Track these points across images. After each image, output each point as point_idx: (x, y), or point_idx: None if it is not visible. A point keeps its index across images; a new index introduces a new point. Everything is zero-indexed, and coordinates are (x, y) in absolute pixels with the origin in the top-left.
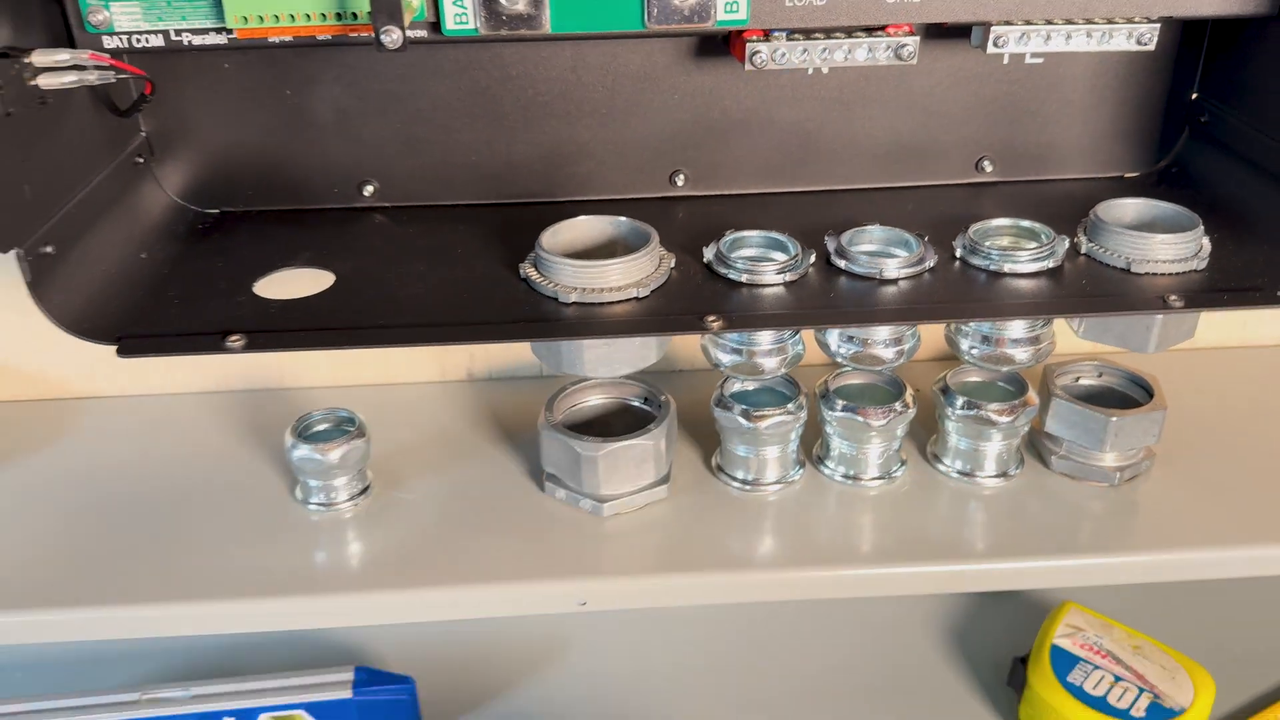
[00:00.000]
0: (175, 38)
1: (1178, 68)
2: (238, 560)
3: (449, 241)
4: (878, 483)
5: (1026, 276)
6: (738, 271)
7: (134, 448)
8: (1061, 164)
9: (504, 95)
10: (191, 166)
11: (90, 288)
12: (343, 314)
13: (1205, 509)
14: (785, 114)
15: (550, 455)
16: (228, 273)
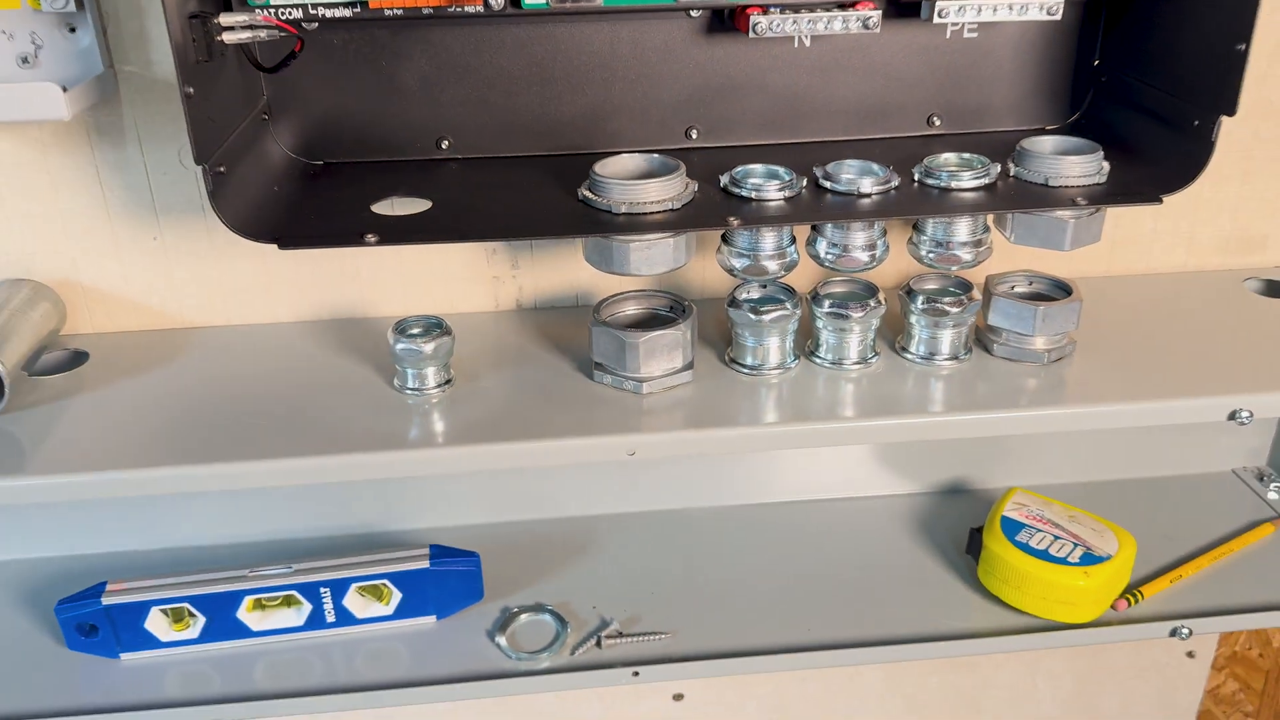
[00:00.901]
0: (312, 11)
1: (1082, 39)
2: (351, 429)
3: (514, 180)
4: (857, 367)
5: (969, 190)
6: (748, 190)
7: (250, 361)
8: (996, 118)
9: (554, 65)
10: (301, 125)
11: (247, 203)
12: (445, 222)
13: (1114, 379)
14: (777, 80)
15: (599, 346)
16: (346, 199)
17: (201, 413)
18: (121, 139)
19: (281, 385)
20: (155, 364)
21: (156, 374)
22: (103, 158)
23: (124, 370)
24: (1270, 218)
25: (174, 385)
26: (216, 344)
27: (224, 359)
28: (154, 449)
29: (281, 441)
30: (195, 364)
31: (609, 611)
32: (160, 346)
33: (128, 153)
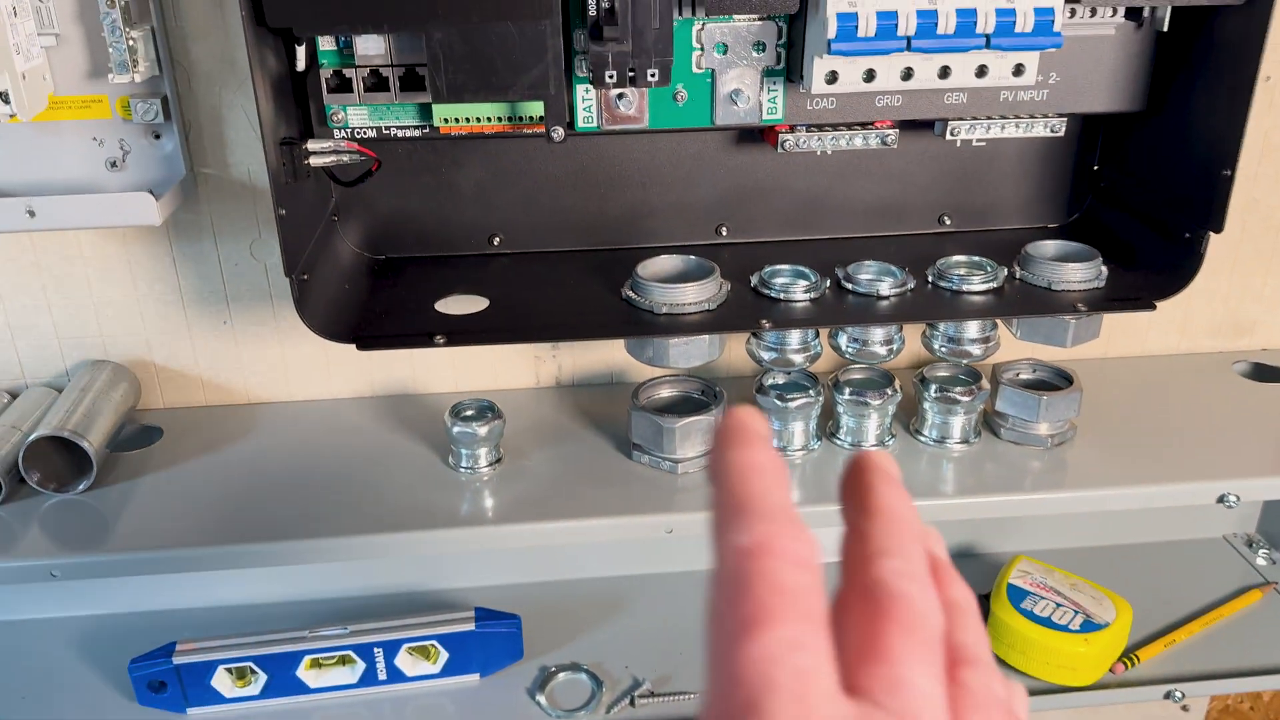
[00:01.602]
0: (386, 130)
1: (1083, 146)
2: (413, 506)
3: (561, 275)
4: (875, 449)
5: (979, 294)
6: (776, 291)
7: (312, 436)
8: (1001, 218)
9: (598, 170)
10: (366, 224)
11: (326, 305)
12: (503, 321)
13: (1114, 463)
14: (800, 183)
15: (638, 429)
16: (411, 297)
17: (268, 488)
18: (198, 234)
19: (342, 460)
20: (223, 440)
21: (224, 450)
22: (180, 250)
23: (194, 446)
24: (1257, 304)
25: (241, 461)
26: (280, 419)
27: (287, 434)
28: (223, 525)
29: (345, 518)
30: (261, 440)
31: (641, 671)
32: (227, 422)
33: (203, 246)
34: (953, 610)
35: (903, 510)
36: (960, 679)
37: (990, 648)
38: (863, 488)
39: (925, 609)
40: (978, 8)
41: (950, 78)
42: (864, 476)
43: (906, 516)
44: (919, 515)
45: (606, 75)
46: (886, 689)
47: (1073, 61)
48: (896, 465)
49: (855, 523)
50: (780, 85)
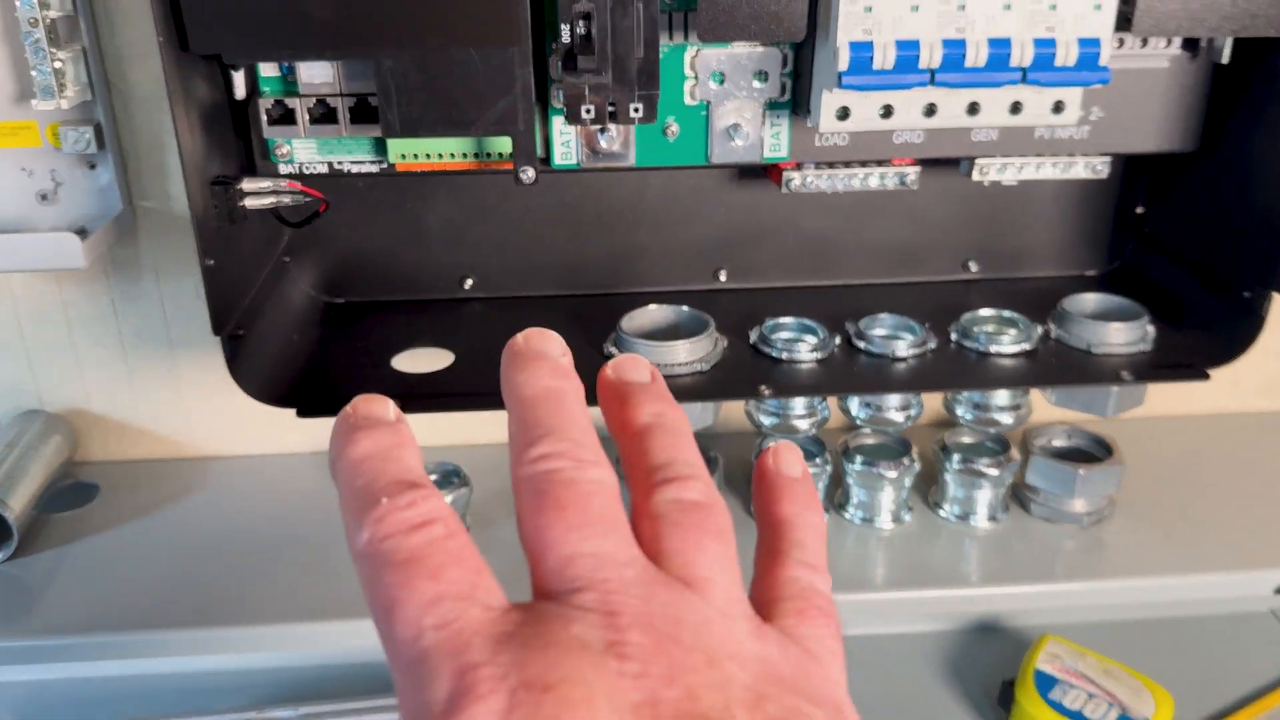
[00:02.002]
0: (337, 167)
1: (1126, 187)
2: (355, 587)
3: (538, 325)
4: (890, 525)
5: (1008, 356)
6: (778, 351)
7: (258, 499)
8: (1033, 264)
9: (581, 207)
10: (323, 265)
11: (266, 363)
12: (467, 385)
13: (1157, 546)
14: (808, 223)
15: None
16: (367, 351)
17: (211, 559)
18: (138, 273)
19: (293, 528)
20: (165, 499)
21: (166, 512)
22: (118, 291)
23: (133, 507)
24: None
25: (183, 525)
26: (229, 476)
27: (236, 494)
28: (159, 602)
29: (293, 598)
30: (207, 499)
31: None
32: (171, 478)
33: (143, 286)
34: (642, 436)
35: (540, 387)
36: (649, 507)
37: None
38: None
39: (574, 476)
40: (1013, 37)
41: (980, 114)
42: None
43: (547, 391)
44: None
45: (583, 110)
46: (558, 574)
47: (1119, 96)
48: (549, 338)
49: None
50: (785, 119)
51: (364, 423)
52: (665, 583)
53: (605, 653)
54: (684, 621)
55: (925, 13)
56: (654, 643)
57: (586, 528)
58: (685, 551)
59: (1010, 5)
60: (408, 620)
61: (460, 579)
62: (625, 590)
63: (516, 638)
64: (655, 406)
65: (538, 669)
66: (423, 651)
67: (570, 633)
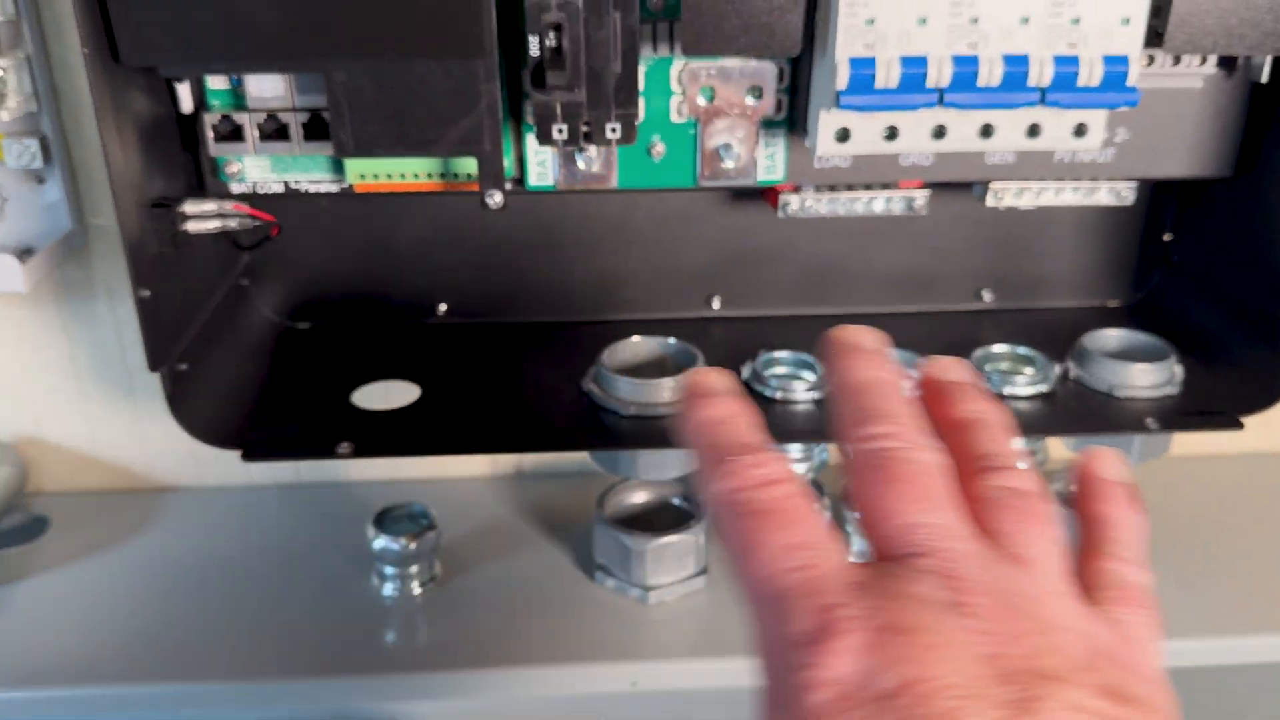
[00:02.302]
0: (294, 186)
1: (1153, 213)
2: (315, 640)
3: (514, 357)
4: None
5: (1023, 399)
6: (771, 389)
7: (217, 536)
8: (1052, 294)
9: (564, 229)
10: (286, 288)
11: (213, 399)
12: (431, 424)
13: (1180, 605)
14: (808, 247)
15: (602, 547)
16: (326, 384)
17: (162, 603)
18: (91, 294)
19: (251, 571)
20: (119, 534)
21: (119, 549)
22: (70, 313)
23: (85, 542)
24: None
25: (137, 563)
26: (187, 510)
27: (193, 530)
28: (105, 656)
29: (242, 653)
30: (162, 536)
31: None
32: (126, 511)
33: (96, 308)
34: (966, 429)
35: (868, 375)
36: (979, 492)
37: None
38: (832, 371)
39: (912, 456)
40: (1030, 54)
41: (994, 137)
42: (831, 361)
43: (879, 382)
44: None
45: (554, 130)
46: (898, 539)
47: (1148, 118)
48: (870, 333)
49: (836, 405)
50: (781, 138)
51: (716, 390)
52: (1000, 559)
53: (951, 609)
54: (1019, 593)
55: (934, 26)
56: (995, 606)
57: (926, 500)
58: (1018, 533)
59: (1028, 19)
60: (766, 561)
61: (813, 532)
62: (965, 559)
63: (870, 587)
64: (980, 403)
65: (894, 614)
66: (782, 590)
67: (918, 588)
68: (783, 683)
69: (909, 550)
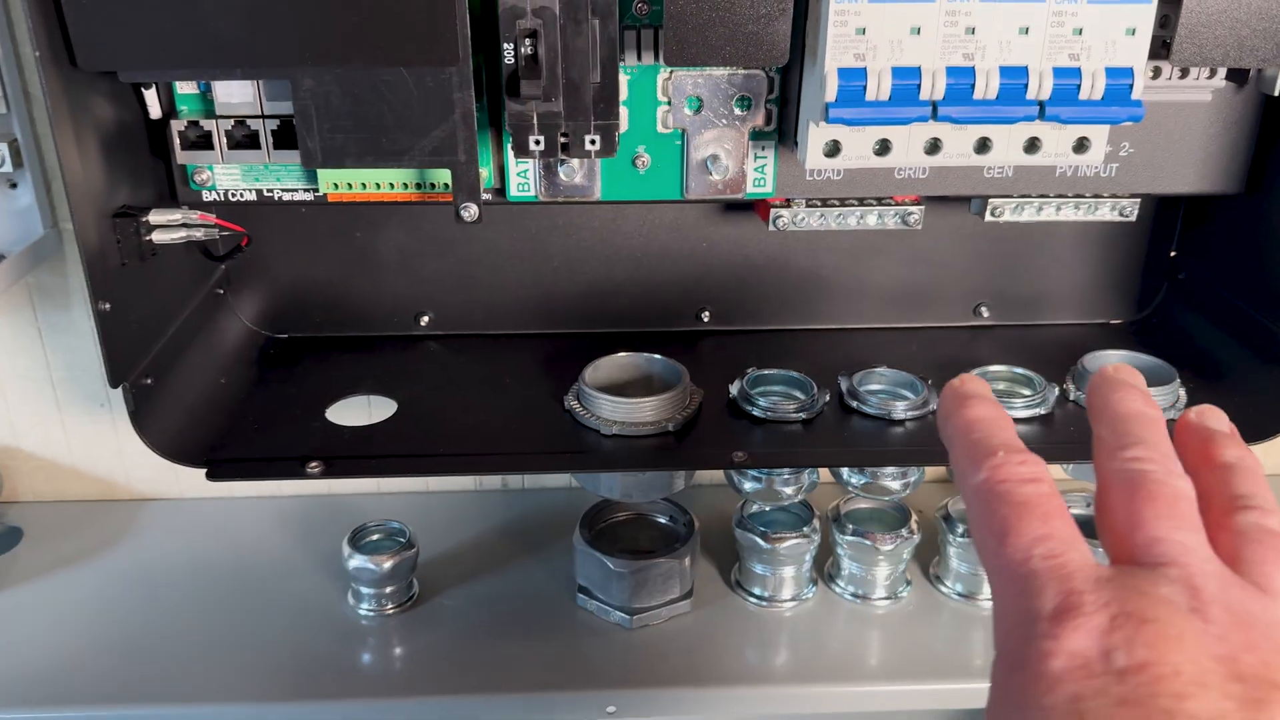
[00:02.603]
0: (267, 194)
1: (1157, 229)
2: (287, 660)
3: (498, 370)
4: (885, 602)
5: (1020, 422)
6: (760, 410)
7: (195, 549)
8: (1052, 311)
9: (550, 239)
10: (265, 296)
11: (181, 414)
12: (407, 442)
13: None
14: (801, 261)
15: (584, 569)
16: (301, 398)
17: (137, 621)
18: (66, 300)
19: (226, 587)
20: (93, 547)
21: (93, 561)
22: (45, 320)
23: (58, 555)
24: None
25: (111, 577)
26: (163, 522)
27: (169, 543)
28: (74, 676)
29: (214, 673)
30: (137, 547)
31: None
32: (102, 522)
33: (72, 315)
34: (1226, 471)
35: (1136, 409)
36: (1230, 524)
37: (1268, 489)
38: (1098, 401)
39: (1165, 479)
40: (1029, 66)
41: (990, 152)
42: (1098, 393)
43: (1141, 413)
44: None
45: (531, 141)
46: (1144, 549)
47: (1154, 131)
48: (1133, 372)
49: (1096, 429)
50: (771, 151)
51: (974, 393)
52: (1241, 584)
53: (1191, 612)
54: (1257, 615)
55: (928, 36)
56: (1232, 619)
57: (1175, 519)
58: (1263, 564)
59: (1028, 29)
60: (1019, 545)
61: (1065, 529)
62: (1207, 576)
63: (1114, 581)
64: (1238, 450)
65: (1135, 605)
66: (1032, 571)
67: (1160, 590)
68: (1023, 649)
69: (1155, 559)
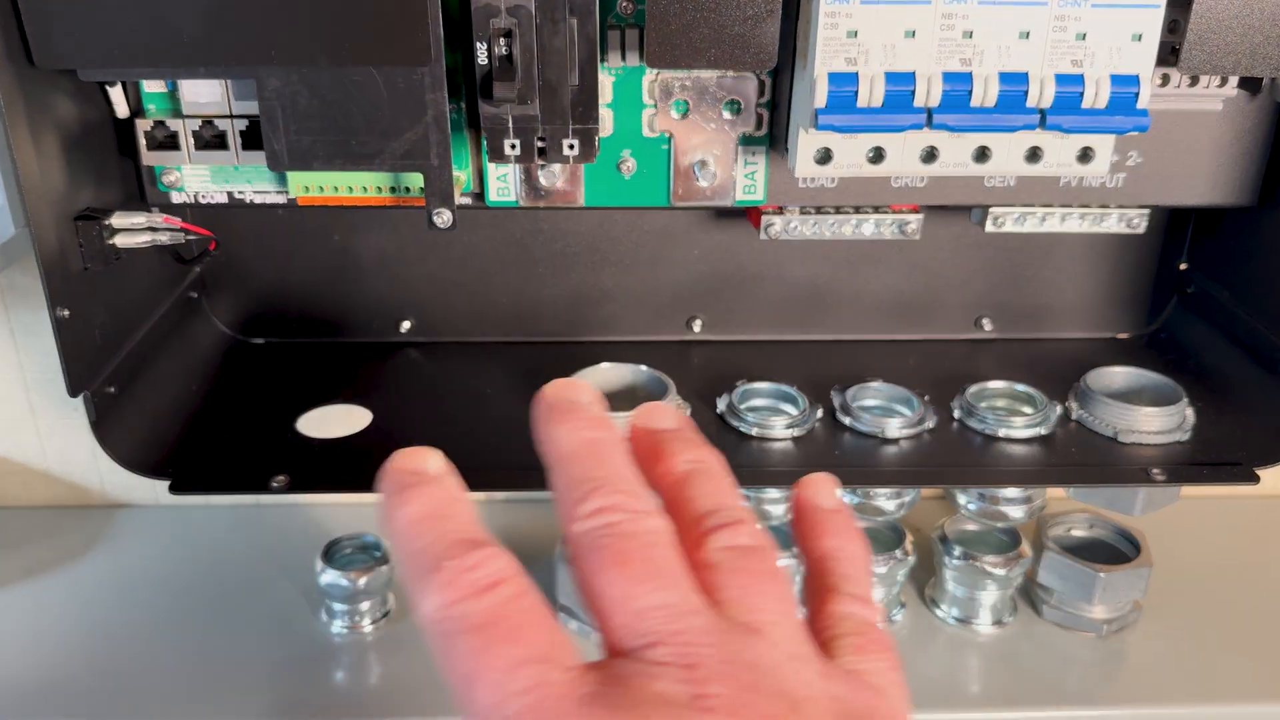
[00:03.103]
0: (238, 196)
1: (1167, 241)
2: (255, 677)
3: (479, 380)
4: (879, 625)
5: (1020, 442)
6: (748, 425)
7: (166, 559)
8: (1056, 324)
9: (535, 245)
10: (241, 300)
11: (146, 423)
12: (379, 456)
13: (1190, 663)
14: (796, 270)
15: (564, 588)
16: (273, 407)
17: (110, 633)
18: (39, 301)
19: (198, 597)
20: (66, 554)
21: (65, 570)
22: (18, 321)
23: (28, 564)
24: None
25: (84, 586)
26: (136, 529)
27: (141, 552)
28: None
29: (181, 695)
30: (111, 555)
31: None
32: (73, 528)
33: (45, 315)
34: (684, 483)
35: (579, 440)
36: (703, 556)
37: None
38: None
39: (631, 528)
40: (1030, 72)
41: (989, 162)
42: (540, 432)
43: (587, 443)
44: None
45: (507, 145)
46: (630, 631)
47: (1162, 140)
48: (582, 387)
49: (551, 480)
50: (762, 156)
51: (411, 480)
52: (733, 630)
53: (690, 707)
54: (758, 667)
55: (923, 40)
56: (735, 692)
57: (651, 580)
58: (747, 598)
59: (1029, 33)
60: (490, 687)
61: (538, 640)
62: (699, 641)
63: (602, 698)
64: (690, 453)
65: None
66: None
67: (653, 689)
68: None
69: (641, 641)
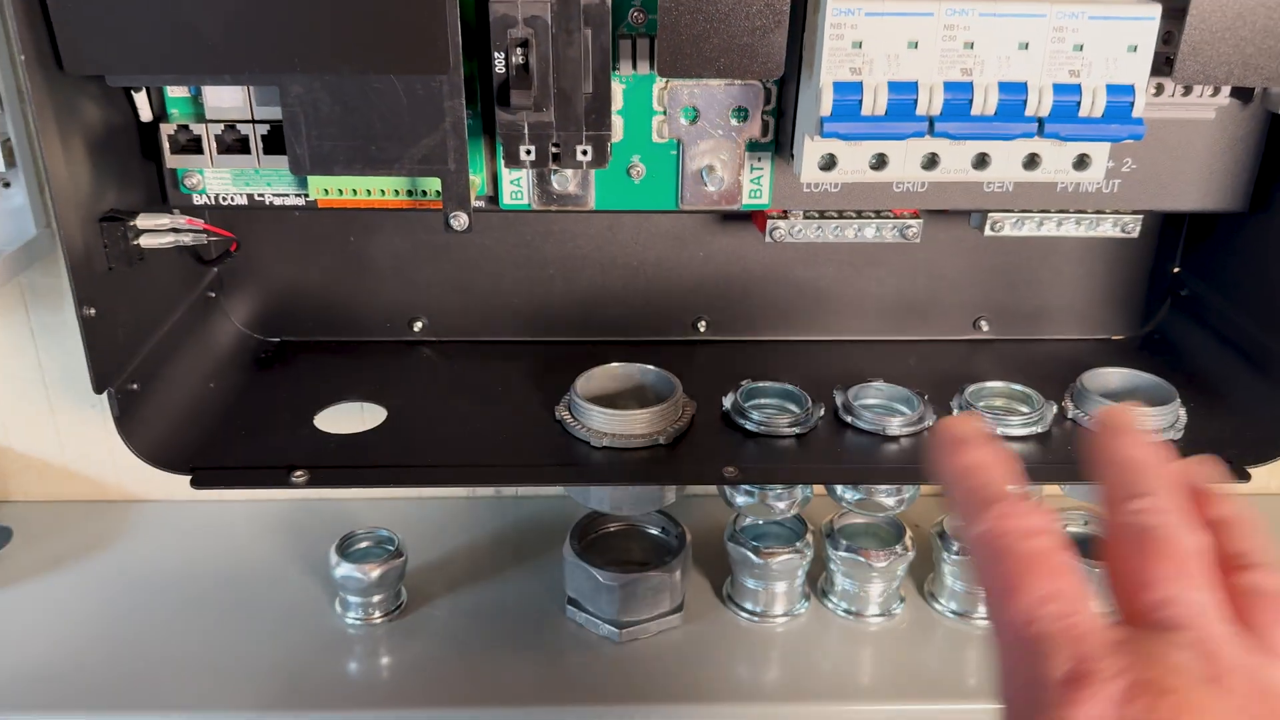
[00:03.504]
0: (258, 199)
1: (1160, 245)
2: (269, 667)
3: (490, 379)
4: (878, 619)
5: (1017, 440)
6: (753, 423)
7: (184, 553)
8: (1053, 326)
9: (546, 247)
10: (257, 299)
11: (167, 420)
12: (394, 452)
13: None
14: (799, 272)
15: (573, 581)
16: (290, 404)
17: (126, 625)
18: (59, 301)
19: (214, 591)
20: (81, 547)
21: (83, 563)
22: (38, 320)
23: (46, 556)
24: None
25: (101, 579)
26: (154, 524)
27: (158, 546)
28: (59, 682)
29: (216, 680)
30: (128, 549)
31: None
32: (92, 523)
33: (66, 315)
34: (1220, 527)
35: (1141, 457)
36: (1238, 583)
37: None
38: (1101, 447)
39: (1176, 535)
40: (1029, 82)
41: (988, 168)
42: (1101, 438)
43: (1147, 462)
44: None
45: (522, 151)
46: (1155, 610)
47: (1157, 148)
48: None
49: (1102, 477)
50: (768, 162)
51: (971, 434)
52: (1256, 648)
53: (1210, 682)
54: (1273, 684)
55: (926, 50)
56: (1250, 688)
57: (1188, 579)
58: (1273, 625)
59: (1028, 44)
60: (1027, 604)
61: (1074, 585)
62: (1221, 640)
63: (1128, 646)
64: (1235, 506)
65: (1154, 675)
66: (1041, 633)
67: (1176, 657)
68: (1033, 715)
69: (1167, 621)
